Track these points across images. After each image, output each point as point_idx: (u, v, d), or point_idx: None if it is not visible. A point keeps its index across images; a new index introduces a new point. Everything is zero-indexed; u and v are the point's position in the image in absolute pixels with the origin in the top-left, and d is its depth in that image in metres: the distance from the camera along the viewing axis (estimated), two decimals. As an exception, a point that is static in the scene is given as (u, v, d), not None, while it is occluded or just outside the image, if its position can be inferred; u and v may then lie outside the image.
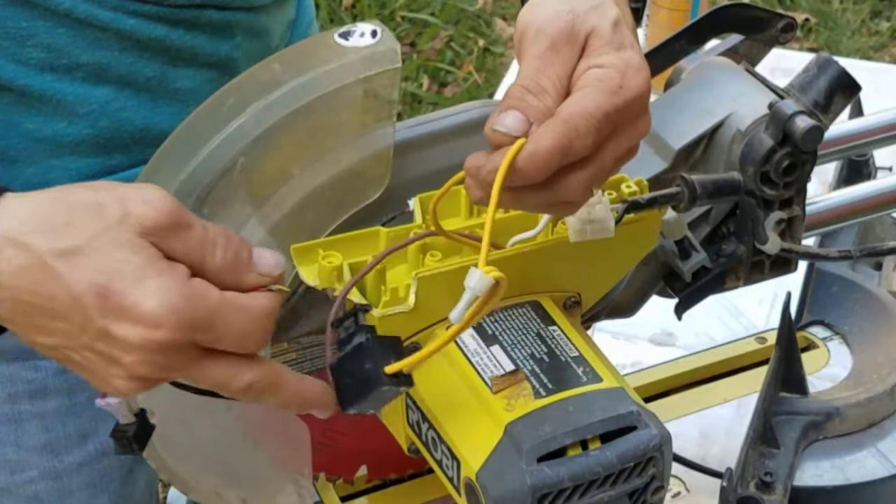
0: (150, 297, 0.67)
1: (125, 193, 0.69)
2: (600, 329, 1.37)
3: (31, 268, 0.67)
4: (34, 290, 0.68)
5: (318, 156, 0.86)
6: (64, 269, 0.67)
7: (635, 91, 0.75)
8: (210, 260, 0.71)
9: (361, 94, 0.85)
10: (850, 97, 1.01)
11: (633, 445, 0.79)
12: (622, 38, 0.77)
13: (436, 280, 0.82)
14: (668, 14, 1.83)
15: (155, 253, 0.68)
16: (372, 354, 0.74)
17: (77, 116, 0.99)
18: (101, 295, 0.67)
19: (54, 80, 0.97)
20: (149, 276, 0.67)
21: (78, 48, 0.97)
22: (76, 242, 0.67)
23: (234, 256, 0.71)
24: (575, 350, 0.84)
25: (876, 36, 3.30)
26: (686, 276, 1.00)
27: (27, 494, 1.14)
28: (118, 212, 0.68)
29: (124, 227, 0.68)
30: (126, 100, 1.00)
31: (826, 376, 1.19)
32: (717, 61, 1.04)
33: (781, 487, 1.05)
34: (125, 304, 0.67)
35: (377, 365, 0.74)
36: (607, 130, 0.74)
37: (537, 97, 0.74)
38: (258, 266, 0.72)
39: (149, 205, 0.69)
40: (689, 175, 0.93)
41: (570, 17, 0.77)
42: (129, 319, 0.67)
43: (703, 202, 0.94)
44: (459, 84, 3.18)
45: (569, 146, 0.72)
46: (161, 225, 0.68)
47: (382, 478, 1.07)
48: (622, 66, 0.75)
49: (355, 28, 0.86)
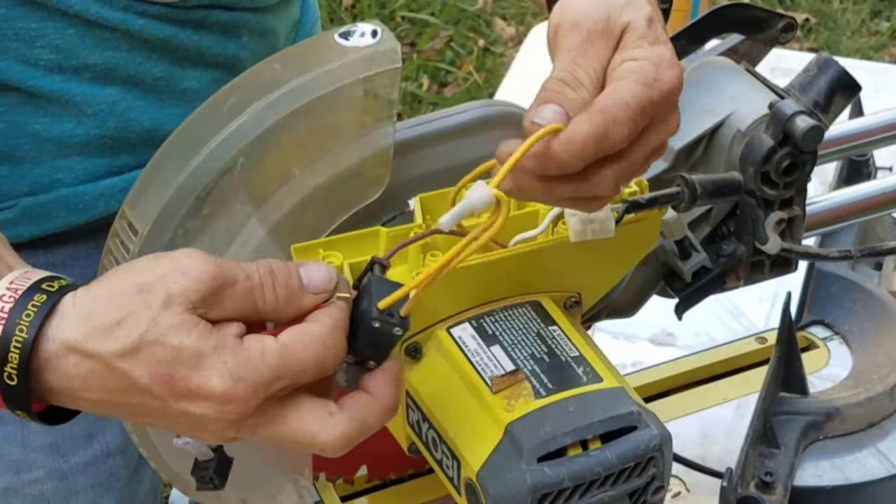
0: (212, 377, 0.68)
1: (165, 270, 0.69)
2: (600, 329, 1.37)
3: (97, 371, 0.68)
4: (108, 389, 0.69)
5: (318, 156, 0.86)
6: (128, 367, 0.68)
7: (669, 84, 0.75)
8: (262, 305, 0.71)
9: (361, 94, 0.85)
10: (850, 97, 1.01)
11: (633, 445, 0.79)
12: (656, 33, 0.77)
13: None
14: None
15: (205, 328, 0.68)
16: (369, 294, 0.73)
17: (85, 117, 1.00)
18: (167, 383, 0.68)
19: (63, 81, 0.97)
20: (206, 355, 0.68)
21: (86, 49, 0.97)
22: (132, 340, 0.67)
23: (284, 291, 0.71)
24: (575, 350, 0.84)
25: (876, 36, 3.30)
26: (686, 276, 1.00)
27: (33, 494, 1.14)
28: (162, 294, 0.68)
29: (171, 311, 0.68)
30: (134, 100, 1.01)
31: (826, 376, 1.19)
32: (717, 61, 1.04)
33: (781, 487, 1.05)
34: (192, 387, 0.68)
35: (372, 302, 0.72)
36: (643, 123, 0.74)
37: (574, 89, 0.74)
38: (311, 286, 0.72)
39: (188, 276, 0.68)
40: (689, 175, 0.93)
41: (606, 11, 0.77)
42: (201, 398, 0.68)
43: (704, 202, 0.94)
44: (459, 84, 3.18)
45: (605, 135, 0.72)
46: (205, 294, 0.68)
47: (382, 478, 1.07)
48: (656, 59, 0.75)
49: (355, 28, 0.86)
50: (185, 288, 0.68)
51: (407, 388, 0.85)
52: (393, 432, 0.90)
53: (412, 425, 0.86)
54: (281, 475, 0.99)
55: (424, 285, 0.72)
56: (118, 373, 0.68)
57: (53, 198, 1.03)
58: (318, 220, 0.88)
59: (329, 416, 0.71)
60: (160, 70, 1.01)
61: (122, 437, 1.14)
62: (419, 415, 0.84)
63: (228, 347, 0.68)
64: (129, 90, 1.01)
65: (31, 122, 0.99)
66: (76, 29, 0.96)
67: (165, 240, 0.84)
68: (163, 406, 0.69)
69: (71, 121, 0.99)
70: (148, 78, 1.01)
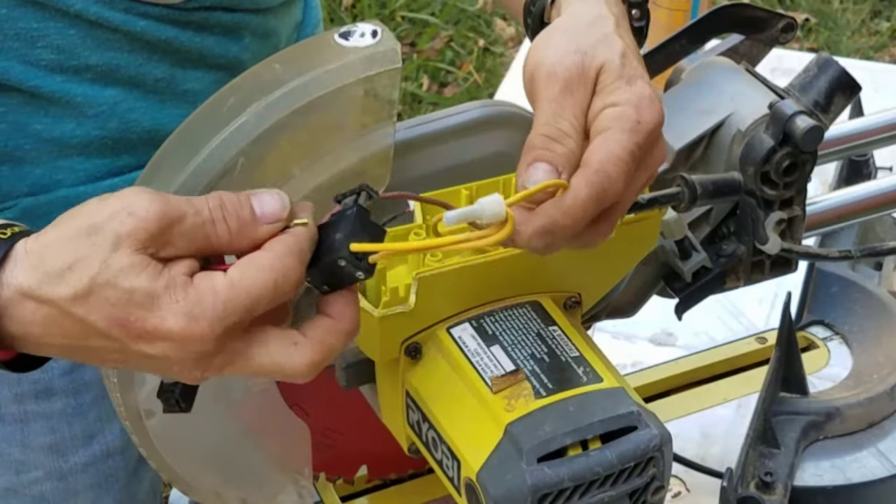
0: (168, 317, 0.68)
1: (112, 210, 0.69)
2: (600, 329, 1.37)
3: (53, 317, 0.68)
4: (67, 334, 0.69)
5: (318, 156, 0.86)
6: (83, 312, 0.68)
7: (652, 124, 0.77)
8: (216, 239, 0.70)
9: (362, 94, 0.85)
10: (850, 97, 1.01)
11: (633, 445, 0.79)
12: (632, 70, 0.78)
13: (436, 280, 0.82)
14: (668, 14, 1.83)
15: (155, 268, 0.68)
16: (347, 226, 0.72)
17: (86, 117, 1.00)
18: (123, 326, 0.68)
19: (64, 82, 0.97)
20: (158, 296, 0.68)
21: (88, 49, 0.97)
22: (83, 284, 0.67)
23: (236, 223, 0.71)
24: (575, 350, 0.84)
25: (876, 36, 3.30)
26: (686, 276, 1.00)
27: (33, 494, 1.14)
28: (110, 236, 0.68)
29: (121, 253, 0.68)
30: (135, 101, 1.01)
31: (826, 376, 1.19)
32: (717, 61, 1.04)
33: (781, 487, 1.05)
34: (149, 328, 0.68)
35: (346, 237, 0.72)
36: (634, 169, 0.76)
37: (561, 143, 0.75)
38: (263, 217, 0.71)
39: (135, 216, 0.68)
40: (689, 175, 0.93)
41: (579, 56, 0.78)
42: (159, 339, 0.68)
43: (704, 202, 0.94)
44: (459, 84, 3.18)
45: (604, 194, 0.74)
46: (153, 233, 0.68)
47: (382, 478, 1.07)
48: (636, 100, 0.76)
49: (355, 28, 0.86)
50: (133, 228, 0.68)
51: (407, 388, 0.85)
52: (393, 432, 0.90)
53: (412, 425, 0.86)
54: (281, 475, 0.99)
55: (404, 251, 0.72)
56: (74, 318, 0.68)
57: (54, 198, 1.03)
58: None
59: (294, 346, 0.71)
60: (161, 71, 1.01)
61: (121, 438, 1.14)
62: (419, 415, 0.84)
63: (179, 286, 0.68)
64: (130, 91, 1.01)
65: (32, 123, 0.99)
66: (77, 29, 0.96)
67: (166, 240, 0.84)
68: (123, 348, 0.69)
69: (72, 121, 0.99)
70: (149, 79, 1.01)
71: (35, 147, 1.00)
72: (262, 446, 0.97)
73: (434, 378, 0.84)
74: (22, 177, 1.01)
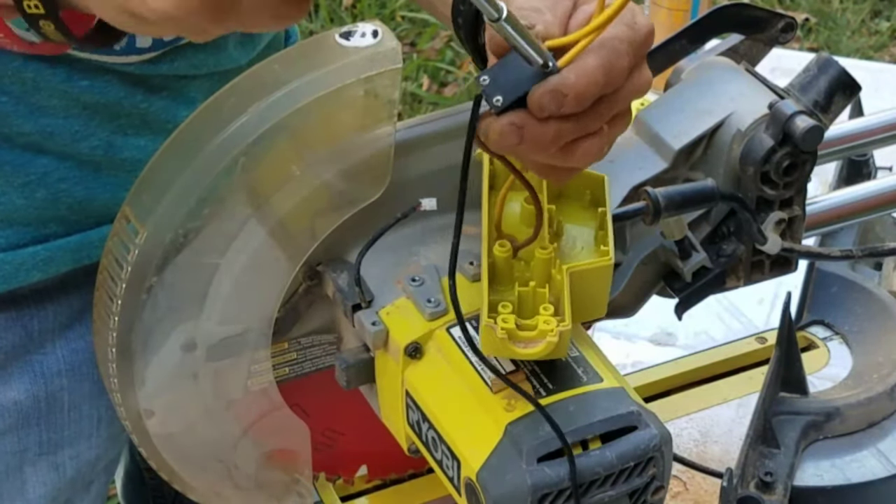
0: None
1: None
2: (600, 329, 1.37)
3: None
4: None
5: (318, 156, 0.86)
6: None
7: (646, 28, 0.77)
8: None
9: (362, 94, 0.85)
10: (850, 97, 1.01)
11: (633, 445, 0.79)
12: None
13: None
14: (668, 14, 1.83)
15: None
16: None
17: (12, 187, 0.95)
18: None
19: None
20: None
21: (21, 116, 0.94)
22: None
23: None
24: (575, 350, 0.84)
25: (876, 36, 3.30)
26: (686, 276, 1.00)
27: None
28: None
29: None
30: (67, 170, 0.97)
31: (826, 376, 1.19)
32: (717, 61, 1.04)
33: (781, 487, 1.05)
34: None
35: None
36: (633, 63, 0.75)
37: (542, 15, 0.74)
38: None
39: None
40: (653, 188, 0.92)
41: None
42: None
43: (671, 214, 0.93)
44: (459, 84, 3.18)
45: (611, 67, 0.73)
46: None
47: (382, 478, 1.07)
48: (629, 4, 0.76)
49: (356, 28, 0.86)
50: None
51: (407, 388, 0.85)
52: (393, 432, 0.90)
53: (412, 425, 0.86)
54: (281, 475, 0.99)
55: None
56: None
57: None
58: (318, 221, 0.88)
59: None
60: (99, 139, 0.97)
61: None
62: (419, 415, 0.84)
63: None
64: (62, 160, 0.96)
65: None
66: (9, 96, 0.92)
67: (166, 240, 0.84)
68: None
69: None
70: (84, 147, 0.97)
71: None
72: (262, 446, 0.97)
73: (434, 378, 0.84)
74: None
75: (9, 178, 0.95)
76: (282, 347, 0.93)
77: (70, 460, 1.06)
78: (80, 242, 0.98)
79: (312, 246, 0.89)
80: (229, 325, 0.89)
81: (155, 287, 0.85)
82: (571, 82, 0.72)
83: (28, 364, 1.01)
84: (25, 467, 1.04)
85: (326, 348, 0.95)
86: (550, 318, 0.77)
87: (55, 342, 1.02)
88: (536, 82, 0.72)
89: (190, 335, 0.88)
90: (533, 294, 0.80)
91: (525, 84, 0.72)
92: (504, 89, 0.72)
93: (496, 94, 0.72)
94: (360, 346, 0.89)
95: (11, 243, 0.97)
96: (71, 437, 1.05)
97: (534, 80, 0.72)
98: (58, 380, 1.02)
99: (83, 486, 1.10)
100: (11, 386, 1.00)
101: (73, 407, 1.04)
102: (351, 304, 0.88)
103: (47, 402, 1.02)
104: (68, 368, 1.03)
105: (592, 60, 0.73)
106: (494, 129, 0.73)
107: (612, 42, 0.74)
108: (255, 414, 0.94)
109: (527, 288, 0.80)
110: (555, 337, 0.76)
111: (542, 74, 0.72)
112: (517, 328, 0.77)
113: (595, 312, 0.85)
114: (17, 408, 1.01)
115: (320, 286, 0.92)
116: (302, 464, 0.98)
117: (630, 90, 0.77)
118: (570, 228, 0.85)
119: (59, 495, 1.06)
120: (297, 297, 0.92)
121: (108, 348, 0.87)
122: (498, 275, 0.81)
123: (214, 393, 0.92)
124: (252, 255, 0.87)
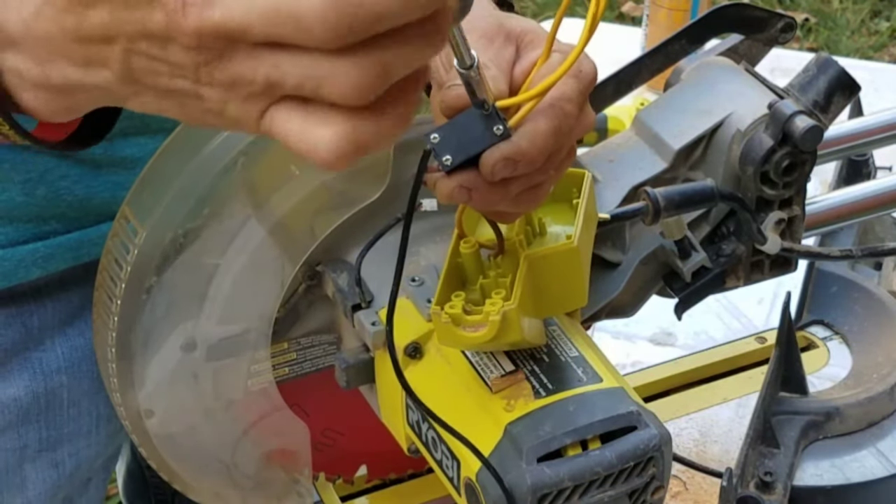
0: None
1: None
2: (600, 329, 1.37)
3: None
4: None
5: (318, 156, 0.86)
6: None
7: (591, 75, 0.76)
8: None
9: (362, 94, 0.84)
10: (849, 97, 1.01)
11: (633, 445, 0.79)
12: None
13: None
14: (668, 14, 1.83)
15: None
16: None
17: (12, 183, 0.95)
18: None
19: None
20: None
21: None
22: None
23: None
24: (575, 350, 0.84)
25: (876, 36, 3.30)
26: (686, 276, 1.00)
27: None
28: None
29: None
30: (67, 168, 0.96)
31: (826, 376, 1.19)
32: (717, 61, 1.04)
33: (781, 487, 1.05)
34: None
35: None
36: (579, 114, 0.75)
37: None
38: None
39: None
40: (652, 189, 0.93)
41: (495, 20, 0.77)
42: None
43: (671, 214, 0.93)
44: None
45: (559, 129, 0.73)
46: None
47: (382, 478, 1.07)
48: (570, 51, 0.73)
49: (356, 28, 0.86)
50: None
51: (407, 388, 0.85)
52: (393, 432, 0.90)
53: (412, 425, 0.86)
54: (281, 475, 0.99)
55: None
56: None
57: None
58: (318, 220, 0.88)
59: None
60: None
61: None
62: (419, 415, 0.84)
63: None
64: (63, 158, 0.95)
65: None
66: None
67: (166, 240, 0.84)
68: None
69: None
70: None
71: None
72: (262, 446, 0.97)
73: (434, 378, 0.84)
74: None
75: (9, 174, 0.94)
76: (282, 347, 0.93)
77: (69, 457, 1.06)
78: (79, 240, 0.98)
79: (312, 246, 0.89)
80: (229, 325, 0.89)
81: (154, 287, 0.85)
82: (524, 149, 0.71)
83: (27, 361, 1.01)
84: (25, 464, 1.04)
85: (326, 348, 0.95)
86: (498, 300, 0.77)
87: (55, 339, 1.02)
88: (485, 144, 0.71)
89: (190, 335, 0.88)
90: (495, 284, 0.79)
91: (474, 145, 0.72)
92: (453, 149, 0.72)
93: (445, 154, 0.72)
94: (360, 346, 0.89)
95: (11, 240, 0.97)
96: (70, 434, 1.05)
97: (483, 142, 0.72)
98: (57, 377, 1.02)
99: (82, 483, 1.10)
100: (11, 383, 1.00)
101: (72, 404, 1.04)
102: (351, 304, 0.88)
103: (47, 399, 1.02)
104: (68, 365, 1.03)
105: (543, 125, 0.72)
106: (443, 187, 0.73)
107: (561, 102, 0.73)
108: (255, 414, 0.94)
109: (487, 279, 0.80)
110: (497, 316, 0.74)
111: (491, 136, 0.72)
112: (465, 313, 0.76)
113: (573, 302, 0.83)
114: (17, 405, 1.01)
115: (320, 286, 0.92)
116: (302, 464, 0.98)
117: (576, 135, 0.76)
118: (555, 228, 0.84)
119: (58, 492, 1.06)
120: (296, 297, 0.92)
121: (107, 348, 0.87)
122: (468, 273, 0.81)
123: (214, 393, 0.92)
124: (252, 255, 0.87)
